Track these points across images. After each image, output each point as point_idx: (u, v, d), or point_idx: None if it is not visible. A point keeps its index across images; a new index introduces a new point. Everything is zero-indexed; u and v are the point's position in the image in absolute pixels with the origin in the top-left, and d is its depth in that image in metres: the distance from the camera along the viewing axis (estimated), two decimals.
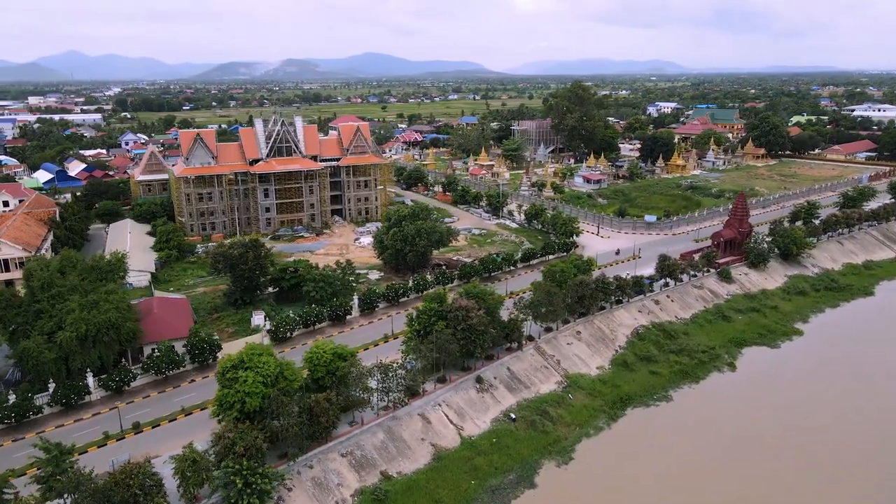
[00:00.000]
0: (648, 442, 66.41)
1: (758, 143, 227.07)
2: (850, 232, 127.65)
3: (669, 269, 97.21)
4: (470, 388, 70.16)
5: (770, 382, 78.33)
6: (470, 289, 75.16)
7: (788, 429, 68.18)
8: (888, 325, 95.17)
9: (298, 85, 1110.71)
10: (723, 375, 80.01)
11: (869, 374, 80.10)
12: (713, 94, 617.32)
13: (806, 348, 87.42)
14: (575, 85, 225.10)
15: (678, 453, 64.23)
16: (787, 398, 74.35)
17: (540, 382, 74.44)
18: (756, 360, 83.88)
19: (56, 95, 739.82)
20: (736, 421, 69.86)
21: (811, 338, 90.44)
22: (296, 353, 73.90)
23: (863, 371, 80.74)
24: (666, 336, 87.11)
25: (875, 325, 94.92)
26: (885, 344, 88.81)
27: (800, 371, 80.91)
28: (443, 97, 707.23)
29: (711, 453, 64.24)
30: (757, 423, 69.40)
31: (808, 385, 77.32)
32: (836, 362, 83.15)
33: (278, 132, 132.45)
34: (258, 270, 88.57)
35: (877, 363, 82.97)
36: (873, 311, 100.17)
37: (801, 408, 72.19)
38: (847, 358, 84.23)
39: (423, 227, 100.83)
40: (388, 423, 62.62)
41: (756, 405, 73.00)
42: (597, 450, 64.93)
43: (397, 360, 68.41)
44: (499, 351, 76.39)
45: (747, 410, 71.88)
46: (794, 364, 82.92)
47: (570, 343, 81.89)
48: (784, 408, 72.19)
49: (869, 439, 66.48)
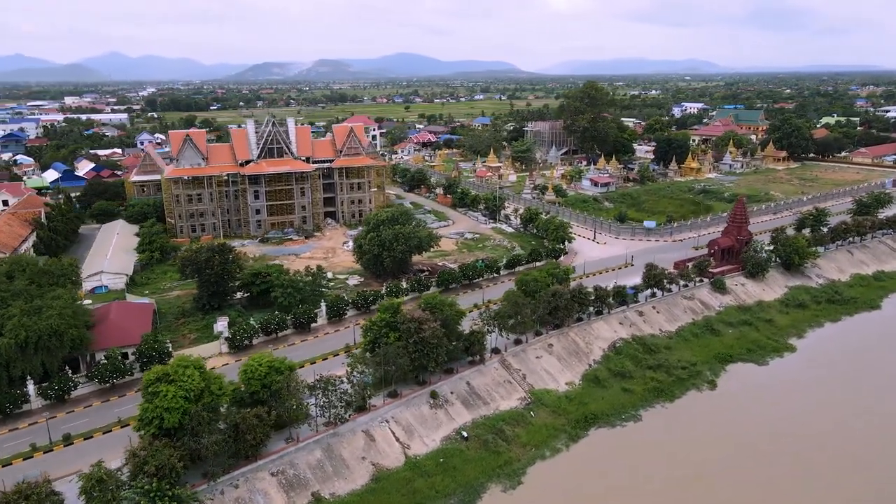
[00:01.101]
0: (606, 465, 62.36)
1: (779, 146, 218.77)
2: (861, 240, 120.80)
3: (656, 279, 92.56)
4: (423, 403, 66.93)
5: (750, 403, 73.40)
6: (429, 299, 71.91)
7: (762, 457, 63.42)
8: (890, 343, 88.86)
9: (328, 85, 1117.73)
10: (700, 394, 75.28)
11: (859, 396, 74.56)
12: (745, 94, 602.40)
13: (796, 366, 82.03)
14: (587, 85, 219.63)
15: (636, 478, 60.10)
16: (766, 422, 69.36)
17: (501, 398, 70.82)
18: (739, 378, 78.88)
19: (92, 95, 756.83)
20: (705, 445, 65.31)
21: (804, 355, 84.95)
22: None
23: (854, 393, 75.26)
24: (645, 350, 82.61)
25: (875, 342, 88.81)
26: (883, 363, 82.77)
27: (785, 391, 75.71)
28: (469, 97, 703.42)
29: (673, 480, 59.93)
30: (727, 449, 64.75)
31: (791, 407, 72.15)
32: (827, 382, 77.74)
33: (269, 133, 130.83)
34: (225, 275, 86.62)
35: (870, 384, 77.27)
36: (876, 327, 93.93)
37: (779, 433, 67.23)
38: (839, 378, 78.75)
39: (401, 231, 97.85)
40: (328, 440, 59.79)
41: (730, 428, 68.27)
42: (550, 473, 61.12)
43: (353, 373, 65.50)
44: (460, 364, 73.01)
45: (719, 434, 67.23)
46: (780, 383, 77.74)
47: (540, 356, 78.02)
48: (761, 433, 67.30)
49: (854, 472, 61.43)
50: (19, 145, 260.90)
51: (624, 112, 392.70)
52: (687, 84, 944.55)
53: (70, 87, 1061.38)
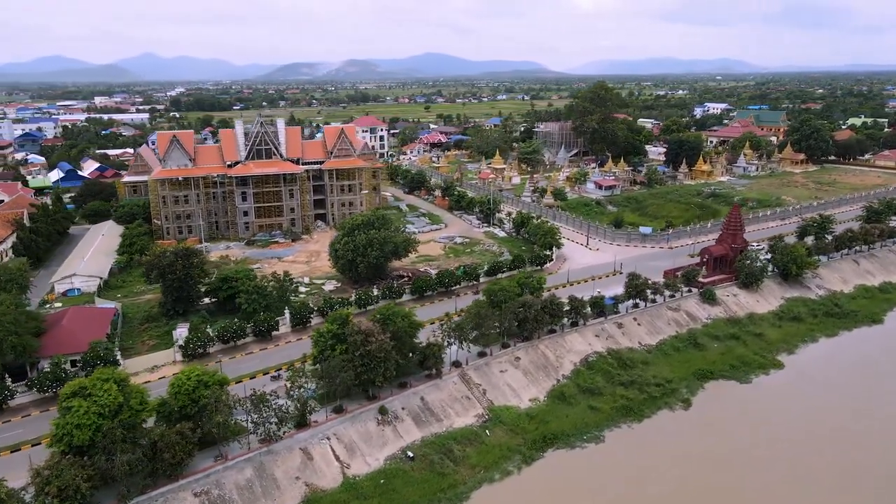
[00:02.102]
0: (557, 490, 58.52)
1: (797, 148, 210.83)
2: (870, 249, 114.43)
3: (638, 289, 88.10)
4: (370, 419, 63.79)
5: (725, 424, 68.82)
6: (382, 310, 68.71)
7: (732, 483, 58.97)
8: (887, 361, 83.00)
9: (354, 85, 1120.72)
10: (672, 414, 70.80)
11: (845, 419, 69.39)
12: (774, 94, 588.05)
13: (781, 385, 76.97)
14: (597, 85, 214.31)
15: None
16: (739, 446, 64.76)
17: (456, 415, 67.36)
18: (717, 397, 74.18)
19: (122, 95, 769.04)
20: (668, 470, 61.03)
21: (791, 372, 79.79)
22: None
23: (839, 416, 70.08)
24: (620, 365, 78.32)
25: (871, 360, 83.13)
26: (877, 383, 77.18)
27: (764, 412, 70.84)
28: (492, 98, 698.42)
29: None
30: (691, 474, 60.43)
31: (768, 430, 67.33)
32: (811, 403, 72.63)
33: (257, 134, 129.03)
34: (189, 280, 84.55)
35: (858, 406, 71.92)
36: (875, 343, 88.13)
37: (752, 458, 62.63)
38: (825, 398, 73.58)
39: (375, 237, 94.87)
40: (261, 458, 57.01)
41: (699, 451, 63.83)
42: (494, 498, 57.48)
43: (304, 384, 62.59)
44: (416, 378, 69.72)
45: (685, 458, 62.82)
46: (761, 403, 72.89)
47: (505, 370, 74.33)
48: (732, 458, 62.78)
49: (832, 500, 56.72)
50: (35, 145, 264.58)
51: (643, 112, 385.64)
52: (717, 84, 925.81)
53: (103, 87, 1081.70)
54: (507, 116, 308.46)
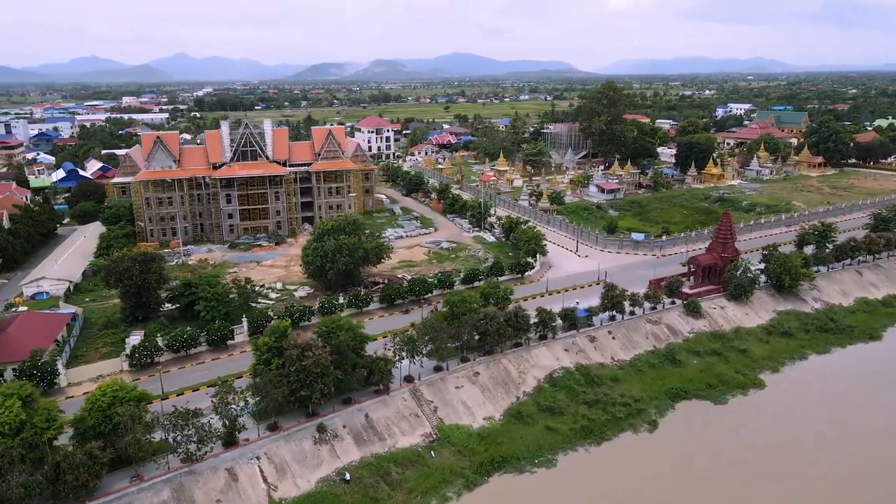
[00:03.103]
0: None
1: (815, 151, 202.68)
2: (875, 259, 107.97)
3: (615, 301, 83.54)
4: (306, 437, 60.59)
5: (688, 449, 64.14)
6: (328, 322, 65.52)
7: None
8: (878, 384, 77.18)
9: (379, 85, 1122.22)
10: (635, 437, 66.32)
11: (824, 448, 64.23)
12: (804, 94, 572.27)
13: (758, 406, 71.84)
14: (605, 85, 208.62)
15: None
16: (701, 473, 60.15)
17: (401, 434, 63.83)
18: (687, 419, 69.44)
19: (149, 95, 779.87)
20: (619, 498, 56.73)
21: (772, 392, 74.57)
22: (155, 382, 67.12)
23: (817, 444, 64.92)
24: (587, 382, 74.02)
25: (862, 381, 77.40)
26: (864, 407, 71.48)
27: (732, 438, 65.90)
28: (514, 98, 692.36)
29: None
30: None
31: (732, 457, 62.46)
32: (787, 427, 67.35)
33: (242, 135, 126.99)
34: (147, 286, 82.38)
35: (841, 433, 66.59)
36: (868, 362, 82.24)
37: (709, 488, 57.99)
38: (803, 423, 68.22)
39: (344, 242, 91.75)
40: (181, 478, 54.14)
41: (655, 479, 59.32)
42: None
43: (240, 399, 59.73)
44: (363, 394, 66.38)
45: (640, 484, 58.38)
46: (731, 427, 67.89)
47: (461, 386, 70.56)
48: (688, 489, 58.20)
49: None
50: (49, 144, 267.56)
51: (662, 113, 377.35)
52: (747, 84, 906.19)
53: (135, 87, 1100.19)
54: (514, 117, 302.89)
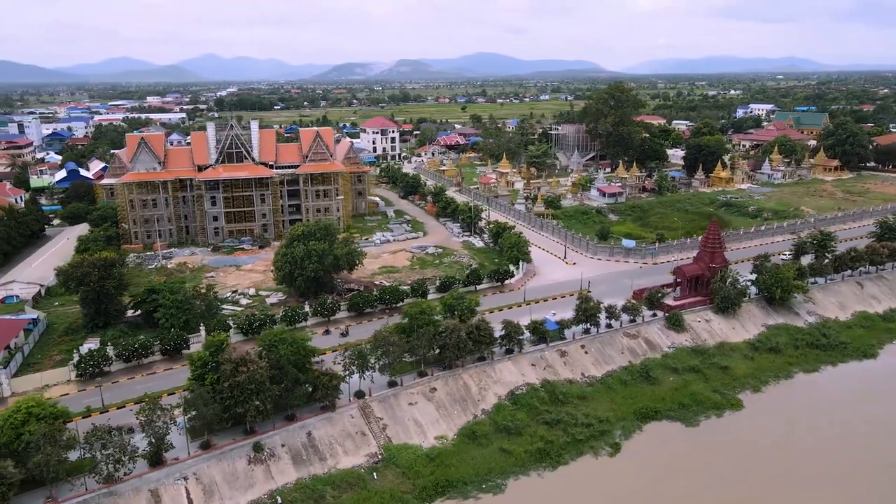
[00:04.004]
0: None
1: (831, 154, 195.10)
2: (878, 270, 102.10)
3: (589, 313, 79.44)
4: (241, 457, 57.76)
5: (651, 476, 59.97)
6: (270, 335, 62.68)
7: None
8: (866, 408, 71.88)
9: (402, 85, 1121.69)
10: (595, 461, 62.33)
11: (796, 478, 59.59)
12: (832, 94, 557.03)
13: (731, 429, 67.30)
14: (612, 86, 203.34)
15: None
16: (655, 501, 56.14)
17: (344, 454, 60.70)
18: (653, 442, 65.23)
19: (174, 95, 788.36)
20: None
21: (749, 414, 69.91)
22: (103, 393, 65.13)
23: (790, 474, 60.30)
24: (552, 400, 70.20)
25: (850, 403, 72.34)
26: (842, 433, 66.50)
27: (698, 463, 61.60)
28: (534, 98, 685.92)
29: None
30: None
31: (691, 487, 58.22)
32: (756, 457, 62.77)
33: (227, 136, 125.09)
34: (105, 292, 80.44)
35: (813, 462, 61.91)
36: (858, 382, 76.98)
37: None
38: (776, 454, 63.50)
39: (313, 248, 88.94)
40: (99, 499, 51.65)
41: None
42: None
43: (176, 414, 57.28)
44: (310, 410, 63.40)
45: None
46: (699, 452, 63.56)
47: (415, 403, 67.23)
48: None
49: None
50: (61, 144, 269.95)
51: (680, 114, 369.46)
52: (776, 83, 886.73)
53: (162, 87, 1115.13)
54: (522, 118, 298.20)
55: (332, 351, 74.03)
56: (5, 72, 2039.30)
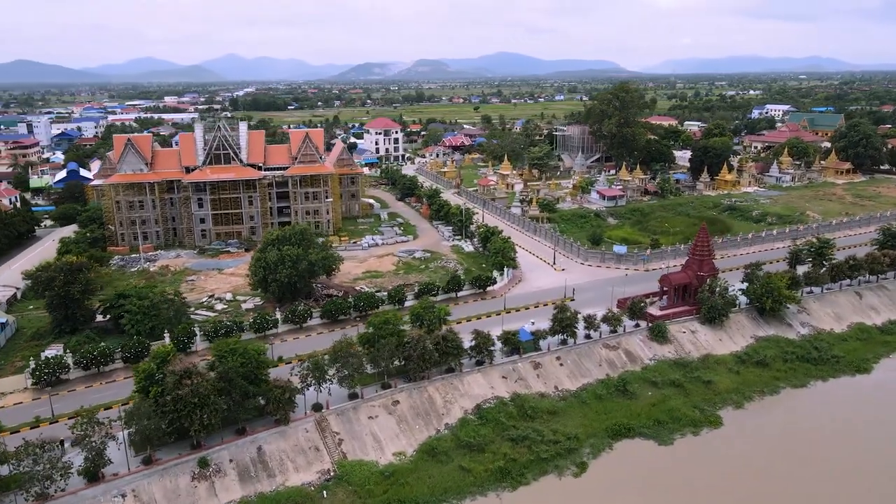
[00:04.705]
0: None
1: (843, 156, 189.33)
2: (878, 280, 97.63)
3: (565, 324, 76.33)
4: (185, 473, 55.62)
5: (615, 498, 56.88)
6: (221, 346, 60.56)
7: None
8: (853, 429, 67.93)
9: (419, 85, 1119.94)
10: (558, 482, 59.29)
11: (766, 502, 56.15)
12: (854, 94, 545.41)
13: (707, 448, 63.87)
14: (618, 87, 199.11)
15: None
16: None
17: (295, 470, 58.33)
18: (623, 462, 62.01)
19: (191, 95, 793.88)
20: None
21: (727, 432, 66.41)
22: (62, 401, 63.67)
23: (760, 494, 56.84)
24: (520, 414, 67.27)
25: (836, 422, 68.36)
26: (822, 457, 62.74)
27: (669, 485, 58.30)
28: (549, 98, 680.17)
29: None
30: None
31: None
32: (731, 476, 59.34)
33: (215, 138, 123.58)
34: (71, 297, 78.97)
35: (789, 488, 58.30)
36: (847, 399, 73.02)
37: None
38: (749, 475, 60.00)
39: (287, 253, 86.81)
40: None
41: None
42: None
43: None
44: (263, 423, 61.14)
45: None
46: (671, 472, 60.26)
47: (375, 416, 64.70)
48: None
49: None
50: (70, 144, 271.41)
51: (693, 115, 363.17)
52: (798, 83, 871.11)
53: (182, 87, 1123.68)
54: (527, 119, 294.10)
55: (299, 361, 71.62)
56: (32, 72, 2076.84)
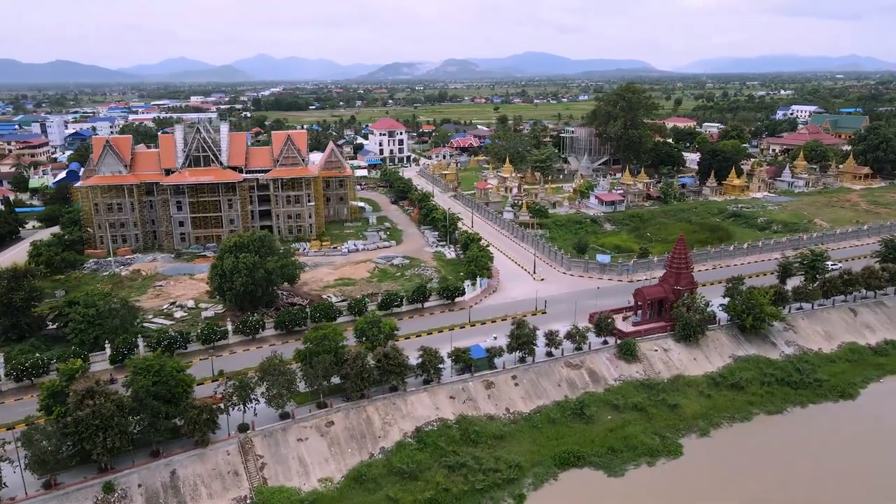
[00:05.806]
0: None
1: (862, 160, 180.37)
2: (877, 296, 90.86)
3: (522, 340, 71.72)
4: (87, 498, 52.55)
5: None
6: (138, 362, 57.40)
7: None
8: (825, 456, 62.04)
9: (445, 85, 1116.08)
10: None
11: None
12: (891, 94, 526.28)
13: (659, 481, 58.78)
14: (624, 87, 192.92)
15: None
16: None
17: (209, 497, 54.92)
18: (565, 495, 57.28)
19: (218, 95, 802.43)
20: None
21: (687, 463, 61.21)
22: None
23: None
24: (463, 439, 62.96)
25: (804, 454, 62.62)
26: (790, 493, 57.21)
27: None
28: (573, 98, 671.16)
29: None
30: None
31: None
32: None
33: (194, 140, 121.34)
34: (14, 305, 76.83)
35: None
36: (823, 429, 67.01)
37: None
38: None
39: (243, 261, 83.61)
40: None
41: None
42: None
43: None
44: (181, 445, 57.83)
45: None
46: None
47: (304, 439, 60.98)
48: None
49: None
50: (82, 143, 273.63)
51: (715, 116, 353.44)
52: (833, 83, 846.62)
53: (212, 86, 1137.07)
54: (535, 120, 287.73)
55: (226, 378, 68.24)
56: (70, 72, 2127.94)
